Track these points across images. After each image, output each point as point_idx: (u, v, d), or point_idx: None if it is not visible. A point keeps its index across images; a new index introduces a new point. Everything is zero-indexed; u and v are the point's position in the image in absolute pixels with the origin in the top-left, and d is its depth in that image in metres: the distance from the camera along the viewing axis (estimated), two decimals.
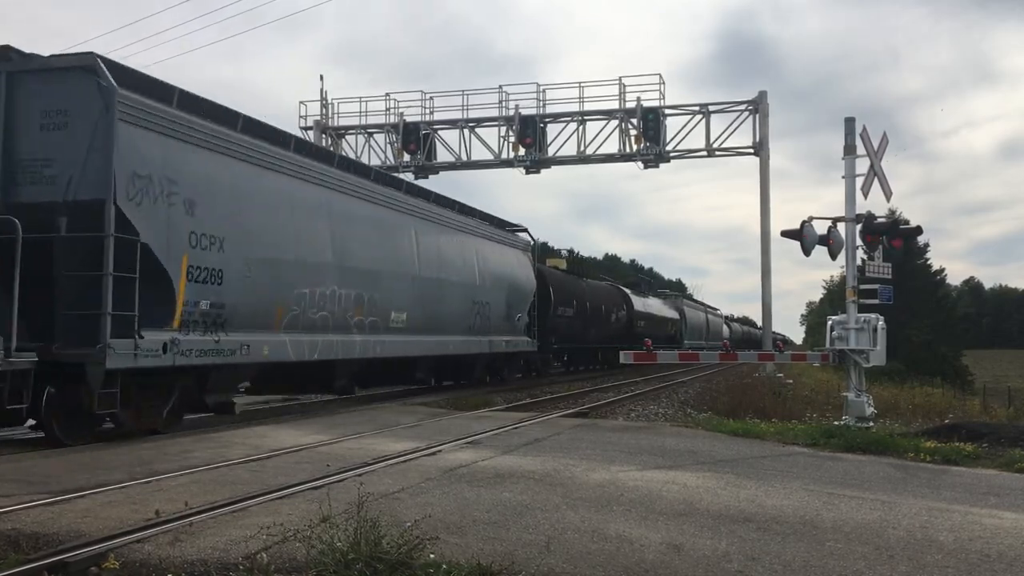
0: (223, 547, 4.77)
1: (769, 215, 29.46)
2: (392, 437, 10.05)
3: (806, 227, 12.14)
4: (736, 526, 5.58)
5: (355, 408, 14.41)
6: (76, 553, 4.53)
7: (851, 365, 12.06)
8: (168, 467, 7.46)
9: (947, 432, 11.16)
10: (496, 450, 8.95)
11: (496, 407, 15.45)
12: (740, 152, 30.24)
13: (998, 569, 4.75)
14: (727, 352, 15.51)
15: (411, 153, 31.38)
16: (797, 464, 8.58)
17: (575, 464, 8.08)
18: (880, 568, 4.67)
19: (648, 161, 30.10)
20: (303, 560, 4.46)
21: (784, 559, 4.80)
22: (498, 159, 31.15)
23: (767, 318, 31.01)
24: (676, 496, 6.59)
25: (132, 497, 6.13)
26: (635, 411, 17.33)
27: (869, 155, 12.28)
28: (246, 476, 7.12)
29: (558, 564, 4.59)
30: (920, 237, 44.59)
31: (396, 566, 4.28)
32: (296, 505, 5.93)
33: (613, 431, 11.40)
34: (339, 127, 32.94)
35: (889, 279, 12.70)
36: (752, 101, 29.70)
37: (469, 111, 31.24)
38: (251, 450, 8.67)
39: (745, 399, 17.90)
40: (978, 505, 6.65)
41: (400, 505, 5.97)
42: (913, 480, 7.82)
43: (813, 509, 6.22)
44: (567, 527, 5.43)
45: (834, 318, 12.47)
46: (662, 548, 4.97)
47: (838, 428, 10.95)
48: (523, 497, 6.38)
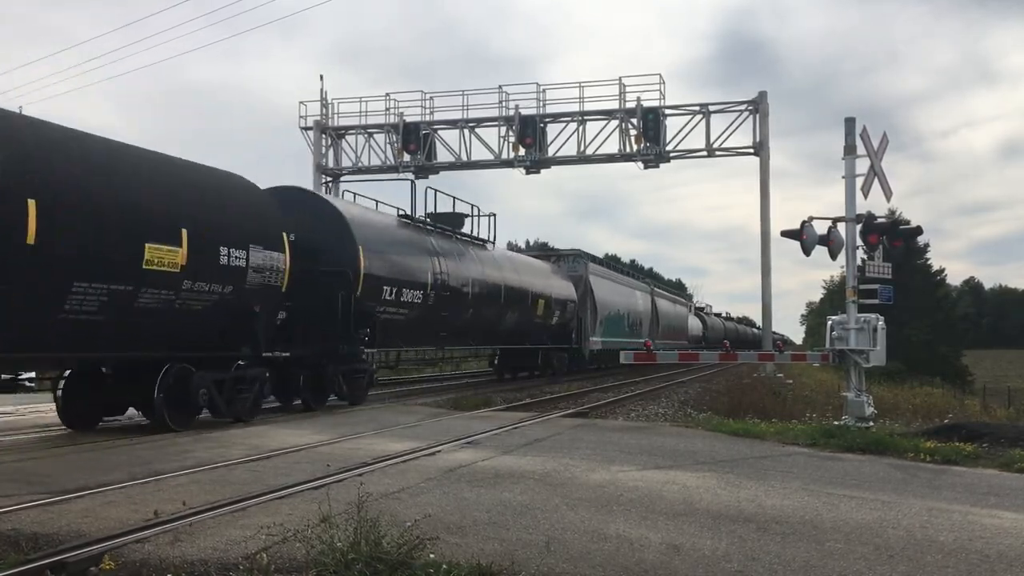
0: (223, 547, 4.77)
1: (769, 215, 29.56)
2: (392, 437, 10.05)
3: (806, 227, 12.13)
4: (736, 526, 5.58)
5: (355, 408, 14.40)
6: (76, 553, 4.53)
7: (851, 365, 12.05)
8: (168, 467, 7.47)
9: (947, 432, 11.15)
10: (496, 450, 8.95)
11: (496, 407, 15.45)
12: (740, 152, 30.29)
13: (998, 569, 4.75)
14: (727, 352, 15.49)
15: (411, 153, 31.43)
16: (797, 464, 8.58)
17: (575, 464, 8.08)
18: (880, 568, 4.67)
19: (648, 161, 30.14)
20: (303, 560, 4.46)
21: (784, 559, 4.80)
22: (498, 159, 31.19)
23: (767, 318, 31.05)
24: (676, 496, 6.59)
25: (132, 497, 6.13)
26: (635, 411, 17.33)
27: (869, 155, 12.27)
28: (246, 476, 7.12)
29: (558, 564, 4.59)
30: (920, 237, 44.59)
31: (396, 566, 4.28)
32: (296, 505, 5.93)
33: (613, 431, 11.40)
34: (339, 127, 32.98)
35: (889, 279, 12.68)
36: (752, 101, 29.72)
37: (469, 111, 31.34)
38: (251, 450, 8.67)
39: (745, 399, 17.92)
40: (978, 505, 6.64)
41: (400, 505, 5.97)
42: (913, 480, 7.82)
43: (813, 509, 6.22)
44: (567, 527, 5.43)
45: (834, 318, 12.46)
46: (662, 548, 4.97)
47: (838, 428, 10.94)
48: (523, 497, 6.37)
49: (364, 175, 32.60)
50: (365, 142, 32.66)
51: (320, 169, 32.66)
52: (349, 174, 33.19)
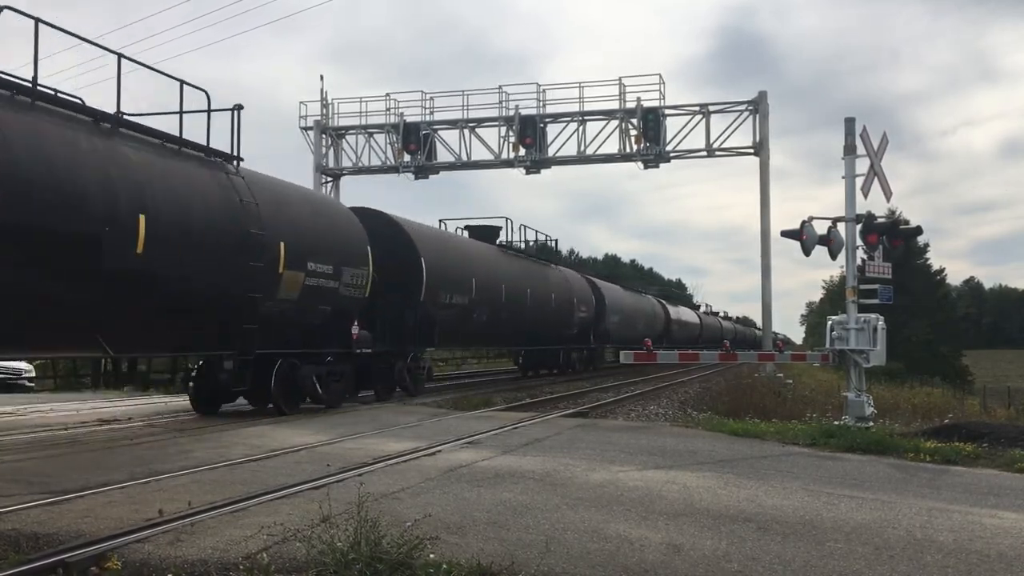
0: (223, 547, 4.77)
1: (769, 215, 29.55)
2: (392, 437, 10.05)
3: (806, 227, 12.14)
4: (736, 526, 5.59)
5: (355, 408, 14.41)
6: (76, 553, 4.53)
7: (851, 365, 12.06)
8: (168, 467, 7.47)
9: (947, 432, 11.16)
10: (496, 450, 8.95)
11: (496, 407, 15.45)
12: (740, 152, 30.30)
13: (998, 569, 4.75)
14: (727, 352, 15.51)
15: (411, 153, 31.41)
16: (797, 464, 8.58)
17: (575, 464, 8.08)
18: (880, 568, 4.67)
19: (648, 161, 30.14)
20: (303, 560, 4.46)
21: (784, 559, 4.80)
22: (498, 159, 31.18)
23: (767, 318, 31.04)
24: (676, 496, 6.59)
25: (132, 497, 6.13)
26: (635, 411, 17.34)
27: (869, 155, 12.28)
28: (246, 476, 7.12)
29: (558, 564, 4.59)
30: (920, 237, 44.66)
31: (396, 566, 4.29)
32: (296, 505, 5.93)
33: (613, 431, 11.40)
34: (339, 127, 32.97)
35: (889, 279, 12.69)
36: (752, 101, 29.73)
37: (469, 111, 31.32)
38: (251, 450, 8.67)
39: (745, 399, 17.94)
40: (978, 505, 6.65)
41: (400, 505, 5.97)
42: (913, 480, 7.82)
43: (813, 509, 6.22)
44: (567, 527, 5.44)
45: (834, 318, 12.47)
46: (662, 548, 4.97)
47: (838, 428, 10.94)
48: (523, 497, 6.38)
49: (364, 175, 32.65)
50: (365, 142, 32.66)
51: (320, 169, 32.64)
52: (349, 174, 33.21)
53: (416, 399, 16.28)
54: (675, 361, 22.92)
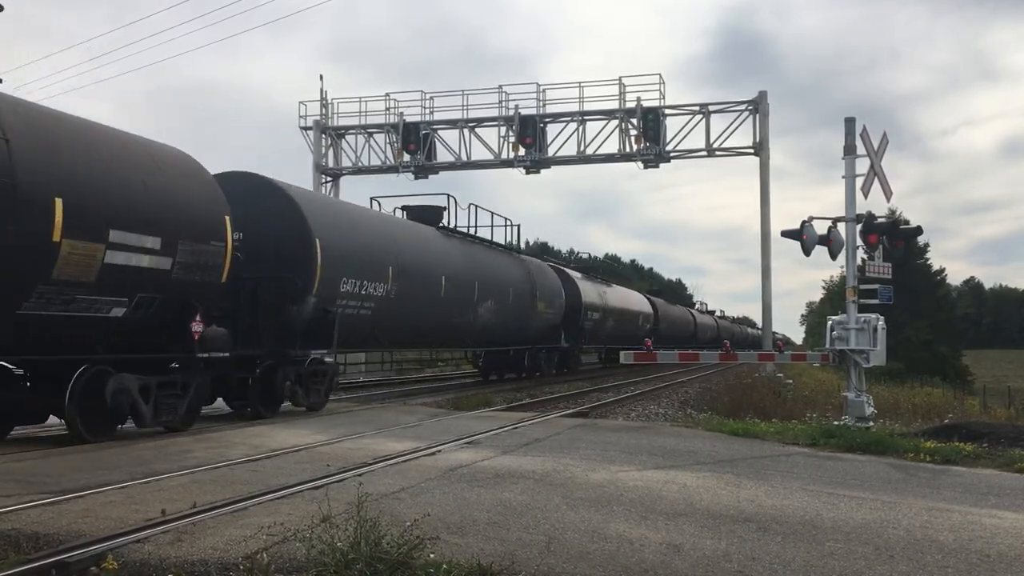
0: (223, 547, 4.77)
1: (769, 215, 29.54)
2: (392, 437, 10.05)
3: (806, 227, 12.15)
4: (736, 526, 5.58)
5: (355, 408, 14.41)
6: (76, 553, 4.53)
7: (851, 365, 12.06)
8: (168, 467, 7.46)
9: (947, 432, 11.16)
10: (496, 450, 8.95)
11: (496, 407, 15.46)
12: (740, 152, 30.30)
13: (998, 569, 4.75)
14: (727, 352, 15.50)
15: (411, 153, 31.41)
16: (797, 464, 8.58)
17: (575, 464, 8.08)
18: (880, 568, 4.67)
19: (648, 161, 30.13)
20: (303, 560, 4.46)
21: (784, 559, 4.80)
22: (498, 159, 31.18)
23: (767, 318, 31.03)
24: (676, 496, 6.59)
25: (132, 497, 6.13)
26: (635, 411, 17.35)
27: (869, 155, 12.28)
28: (246, 476, 7.12)
29: (558, 564, 4.59)
30: (920, 237, 44.58)
31: (396, 566, 4.28)
32: (296, 505, 5.93)
33: (613, 431, 11.40)
34: (339, 127, 32.97)
35: (889, 279, 12.70)
36: (752, 101, 29.72)
37: (469, 111, 31.31)
38: (251, 450, 8.67)
39: (745, 399, 17.93)
40: (978, 505, 6.65)
41: (400, 505, 5.97)
42: (913, 480, 7.82)
43: (813, 509, 6.22)
44: (567, 527, 5.43)
45: (834, 318, 12.47)
46: (662, 548, 4.97)
47: (838, 428, 10.94)
48: (523, 497, 6.37)
49: (364, 175, 32.64)
50: (365, 142, 32.65)
51: (320, 169, 32.65)
52: (349, 174, 33.20)
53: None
54: (675, 361, 22.93)
